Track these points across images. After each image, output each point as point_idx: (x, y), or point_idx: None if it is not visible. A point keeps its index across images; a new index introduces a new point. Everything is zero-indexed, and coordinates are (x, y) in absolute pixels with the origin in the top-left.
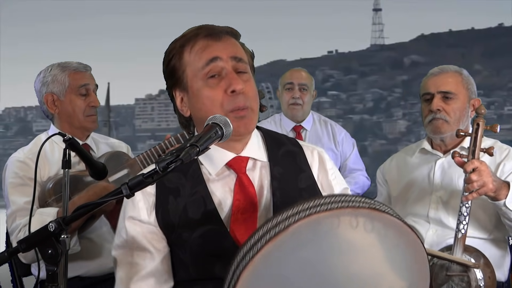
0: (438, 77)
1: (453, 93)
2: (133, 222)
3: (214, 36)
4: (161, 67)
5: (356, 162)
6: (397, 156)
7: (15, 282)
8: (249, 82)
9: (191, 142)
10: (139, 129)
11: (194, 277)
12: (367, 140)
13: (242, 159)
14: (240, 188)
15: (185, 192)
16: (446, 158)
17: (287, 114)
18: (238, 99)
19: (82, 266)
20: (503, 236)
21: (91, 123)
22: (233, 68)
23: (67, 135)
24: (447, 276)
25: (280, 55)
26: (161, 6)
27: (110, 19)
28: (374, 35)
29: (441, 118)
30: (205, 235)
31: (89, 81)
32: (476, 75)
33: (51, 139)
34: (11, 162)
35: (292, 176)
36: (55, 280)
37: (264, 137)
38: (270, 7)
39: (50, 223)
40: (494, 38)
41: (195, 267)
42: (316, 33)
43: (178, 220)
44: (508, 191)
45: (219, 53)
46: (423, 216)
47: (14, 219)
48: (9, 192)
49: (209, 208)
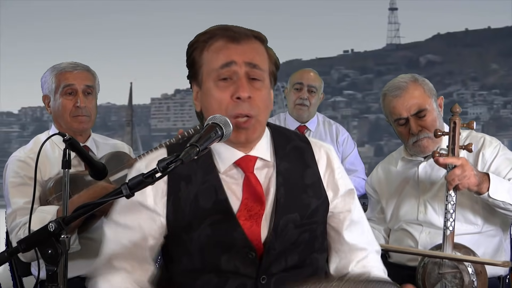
0: (403, 99)
1: (424, 109)
2: (137, 206)
3: (235, 39)
4: (178, 67)
5: (354, 163)
6: (381, 167)
7: (15, 282)
8: (260, 90)
9: (191, 142)
10: (155, 129)
11: (198, 268)
12: (383, 140)
13: (250, 158)
14: (248, 187)
15: (197, 180)
16: (428, 161)
17: (293, 114)
18: (242, 107)
19: (82, 266)
20: (496, 229)
21: (78, 124)
22: (246, 74)
23: (67, 135)
24: (440, 274)
25: (296, 54)
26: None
27: (122, 19)
28: (390, 35)
29: (425, 136)
30: (215, 224)
31: (76, 81)
32: (492, 74)
33: (51, 140)
34: (12, 161)
35: (298, 171)
36: (55, 280)
37: (273, 133)
38: (286, 6)
39: (50, 223)
40: (510, 37)
41: (201, 257)
42: (332, 32)
43: (188, 208)
44: (489, 183)
45: (235, 57)
46: (414, 220)
47: (14, 218)
48: (10, 192)
49: (220, 198)
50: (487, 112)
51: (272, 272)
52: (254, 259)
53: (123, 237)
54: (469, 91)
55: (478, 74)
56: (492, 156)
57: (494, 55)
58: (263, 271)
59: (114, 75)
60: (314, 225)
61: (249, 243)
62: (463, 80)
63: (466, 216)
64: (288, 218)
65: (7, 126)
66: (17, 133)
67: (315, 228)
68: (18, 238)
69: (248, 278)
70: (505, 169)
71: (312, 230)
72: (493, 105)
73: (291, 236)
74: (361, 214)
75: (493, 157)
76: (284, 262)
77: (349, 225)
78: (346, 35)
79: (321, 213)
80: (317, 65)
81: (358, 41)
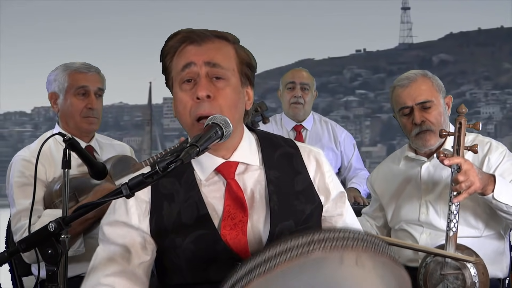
0: (410, 88)
1: (430, 101)
2: (123, 226)
3: (195, 41)
4: None
5: (359, 162)
6: (383, 165)
7: (15, 282)
8: (223, 90)
9: (191, 142)
10: (167, 128)
11: (189, 281)
12: (395, 139)
13: (231, 164)
14: (230, 193)
15: (179, 198)
16: (431, 161)
17: (288, 114)
18: (203, 107)
19: (83, 265)
20: (497, 233)
21: (88, 124)
22: (207, 73)
23: (67, 135)
24: (442, 275)
25: (308, 54)
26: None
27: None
28: (402, 34)
29: (428, 129)
30: (198, 240)
31: (90, 83)
32: (505, 73)
33: (55, 140)
34: (17, 160)
35: (288, 179)
36: (55, 280)
37: (260, 140)
38: (299, 6)
39: (50, 223)
40: None
41: (189, 271)
42: (344, 32)
43: (171, 226)
44: (494, 185)
45: (194, 58)
46: (415, 221)
47: (19, 220)
48: (14, 192)
49: (201, 213)
50: (500, 111)
51: None
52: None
53: (110, 252)
54: (482, 90)
55: (490, 73)
56: (497, 161)
57: (507, 54)
58: None
59: (127, 75)
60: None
61: (234, 254)
62: (475, 79)
63: (467, 220)
64: (283, 226)
65: (20, 126)
66: (30, 132)
67: None
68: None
69: None
70: (510, 174)
71: None
72: (506, 105)
73: None
74: (353, 218)
75: (499, 163)
76: None
77: None
78: (359, 34)
79: (315, 218)
80: (329, 65)
81: (370, 40)
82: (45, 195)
